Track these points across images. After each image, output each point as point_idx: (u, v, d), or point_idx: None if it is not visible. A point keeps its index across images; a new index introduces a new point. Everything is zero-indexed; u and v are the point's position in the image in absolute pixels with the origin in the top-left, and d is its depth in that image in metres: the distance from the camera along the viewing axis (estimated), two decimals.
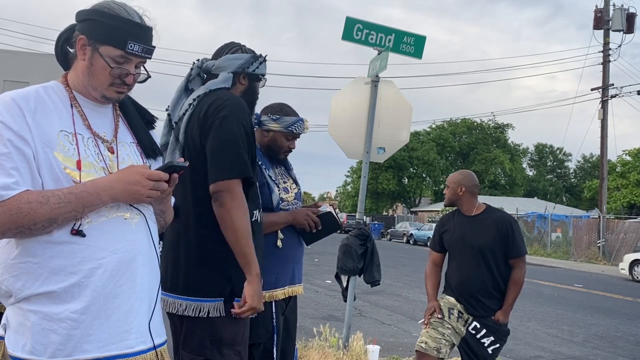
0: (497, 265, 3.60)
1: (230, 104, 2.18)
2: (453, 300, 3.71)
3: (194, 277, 2.16)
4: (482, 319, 3.61)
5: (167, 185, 1.60)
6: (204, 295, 2.15)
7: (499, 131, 52.72)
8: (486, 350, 3.59)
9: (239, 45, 2.45)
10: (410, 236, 33.18)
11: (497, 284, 3.61)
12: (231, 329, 2.16)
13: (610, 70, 25.54)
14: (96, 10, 1.59)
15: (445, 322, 3.65)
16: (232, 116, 2.15)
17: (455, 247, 3.74)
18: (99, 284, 1.49)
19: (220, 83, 2.32)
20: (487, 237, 3.60)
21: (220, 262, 2.17)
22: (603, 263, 23.07)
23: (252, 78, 2.41)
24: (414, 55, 5.39)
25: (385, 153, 5.27)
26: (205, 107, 2.20)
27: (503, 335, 3.64)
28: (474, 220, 3.69)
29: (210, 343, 2.13)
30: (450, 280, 3.79)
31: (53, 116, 1.53)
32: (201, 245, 2.18)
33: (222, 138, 2.13)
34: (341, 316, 6.77)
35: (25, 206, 1.40)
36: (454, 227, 3.76)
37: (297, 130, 2.84)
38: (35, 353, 1.43)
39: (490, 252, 3.58)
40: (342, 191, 58.45)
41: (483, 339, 3.59)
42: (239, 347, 2.18)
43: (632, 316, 9.82)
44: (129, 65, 1.61)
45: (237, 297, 2.16)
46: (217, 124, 2.14)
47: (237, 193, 2.10)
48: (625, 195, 33.48)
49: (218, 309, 2.15)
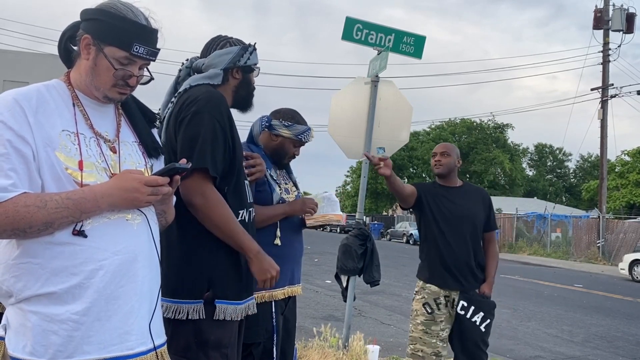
0: (479, 237, 3.66)
1: (203, 98, 2.10)
2: (435, 289, 3.58)
3: (172, 278, 2.07)
4: (467, 295, 3.52)
5: (169, 187, 1.59)
6: (182, 297, 2.08)
7: (498, 131, 52.73)
8: (479, 330, 3.50)
9: (226, 38, 2.36)
10: (410, 236, 33.17)
11: (480, 256, 3.62)
12: (217, 331, 2.10)
13: (610, 70, 25.54)
14: (102, 10, 1.58)
15: (436, 315, 3.56)
16: (203, 111, 2.06)
17: (445, 218, 3.58)
18: (100, 285, 1.48)
19: (204, 79, 2.23)
20: (476, 208, 3.64)
21: (200, 264, 2.11)
22: (603, 263, 23.08)
23: (245, 70, 2.33)
24: (413, 55, 5.40)
25: (385, 153, 5.25)
26: (179, 105, 2.14)
27: (491, 308, 3.58)
28: (461, 191, 3.68)
29: (195, 345, 2.08)
30: (437, 255, 3.59)
31: (55, 115, 1.52)
32: (181, 246, 2.11)
33: (189, 134, 2.06)
34: (341, 316, 6.77)
35: (23, 209, 1.40)
36: (442, 197, 3.64)
37: (305, 139, 2.87)
38: (35, 354, 1.43)
39: (478, 223, 3.62)
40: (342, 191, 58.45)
41: (474, 318, 3.49)
42: (226, 349, 2.12)
43: (632, 316, 9.82)
44: (133, 67, 1.60)
45: (217, 299, 2.09)
46: (186, 121, 2.07)
47: (206, 191, 2.03)
48: (625, 195, 33.49)
49: (198, 311, 2.07)
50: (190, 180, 2.01)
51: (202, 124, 2.05)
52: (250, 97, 2.39)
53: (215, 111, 2.09)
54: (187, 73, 2.35)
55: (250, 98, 2.39)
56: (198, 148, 2.04)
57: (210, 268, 2.11)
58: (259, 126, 2.84)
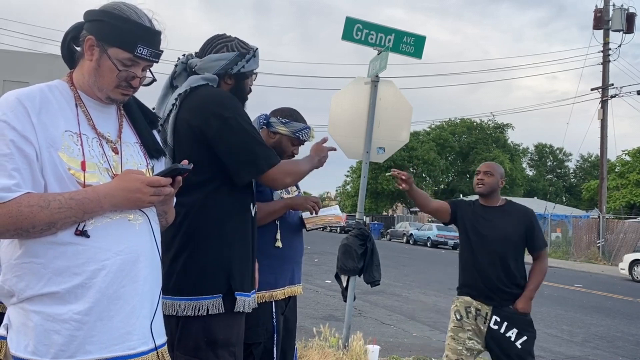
0: (516, 257, 3.59)
1: (219, 103, 2.15)
2: (468, 299, 3.62)
3: (190, 275, 2.12)
4: (500, 310, 3.51)
5: (171, 188, 1.60)
6: (201, 293, 2.12)
7: (498, 131, 52.72)
8: (515, 346, 3.46)
9: (224, 40, 2.31)
10: (410, 236, 33.17)
11: (515, 275, 3.56)
12: (226, 330, 2.14)
13: (610, 70, 25.56)
14: (106, 12, 1.58)
15: (465, 323, 3.58)
16: (230, 113, 2.13)
17: (479, 237, 3.61)
18: (102, 285, 1.49)
19: (203, 80, 2.23)
20: (514, 228, 3.59)
21: (218, 259, 2.14)
22: (603, 263, 23.08)
23: (238, 77, 2.31)
24: (413, 55, 5.39)
25: (385, 153, 5.27)
26: (195, 113, 2.15)
27: (525, 324, 3.52)
28: (500, 210, 3.67)
29: (205, 344, 2.11)
30: (469, 272, 3.64)
31: (58, 116, 1.53)
32: (197, 244, 2.15)
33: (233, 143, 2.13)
34: (341, 316, 6.78)
35: (26, 209, 1.40)
36: (479, 217, 3.67)
37: (303, 137, 2.85)
38: (37, 354, 1.43)
39: (515, 243, 3.58)
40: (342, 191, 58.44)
41: (508, 333, 3.48)
42: (234, 348, 2.16)
43: (632, 316, 9.82)
44: (136, 68, 1.61)
45: (237, 291, 2.14)
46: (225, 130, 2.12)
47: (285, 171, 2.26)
48: (625, 195, 33.48)
49: (216, 305, 2.11)
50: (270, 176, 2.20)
51: (241, 127, 2.14)
52: (243, 103, 2.36)
53: (237, 109, 2.18)
54: (182, 69, 2.34)
55: (243, 103, 2.36)
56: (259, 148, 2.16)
57: (228, 262, 2.15)
58: (257, 124, 2.84)
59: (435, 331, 7.38)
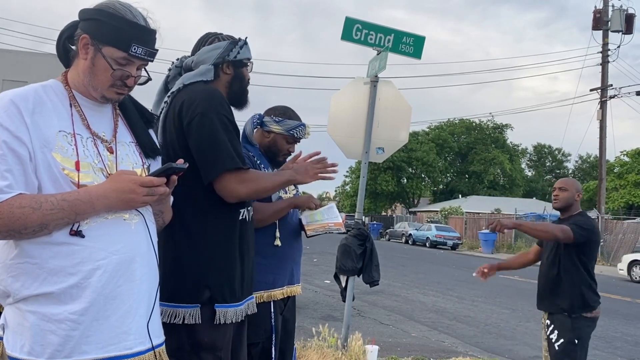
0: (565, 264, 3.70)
1: (204, 97, 2.09)
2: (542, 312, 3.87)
3: (169, 282, 2.02)
4: (551, 315, 3.74)
5: (166, 188, 1.59)
6: (179, 301, 2.05)
7: (497, 131, 52.76)
8: (554, 348, 3.66)
9: (215, 34, 2.34)
10: (409, 236, 33.17)
11: (561, 282, 3.69)
12: (211, 333, 2.06)
13: (609, 71, 25.55)
14: (101, 10, 1.57)
15: (543, 334, 3.84)
16: (209, 111, 2.06)
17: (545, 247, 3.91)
18: (98, 285, 1.48)
19: (197, 76, 2.22)
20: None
21: (198, 268, 2.07)
22: (601, 263, 23.08)
23: (236, 65, 2.30)
24: (413, 55, 5.39)
25: (385, 153, 5.27)
26: (179, 106, 2.12)
27: (564, 327, 3.66)
28: (562, 222, 3.82)
29: (189, 347, 2.05)
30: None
31: (52, 116, 1.52)
32: (179, 250, 2.08)
33: (205, 138, 2.05)
34: (340, 316, 6.77)
35: (18, 210, 1.40)
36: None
37: (298, 135, 2.83)
38: (33, 354, 1.43)
39: (559, 250, 3.72)
40: (341, 191, 58.43)
41: (551, 335, 3.70)
42: (220, 352, 2.08)
43: (630, 316, 9.83)
44: (131, 67, 1.60)
45: (216, 303, 2.06)
46: (195, 124, 2.05)
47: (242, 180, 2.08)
48: (624, 196, 33.51)
49: (193, 315, 2.04)
50: (222, 182, 2.05)
51: (214, 125, 2.05)
52: (245, 93, 2.36)
53: (221, 109, 2.09)
54: (177, 72, 2.33)
55: (245, 93, 2.36)
56: (221, 150, 2.04)
57: (208, 271, 2.08)
58: (251, 124, 2.83)
59: (433, 331, 7.39)
